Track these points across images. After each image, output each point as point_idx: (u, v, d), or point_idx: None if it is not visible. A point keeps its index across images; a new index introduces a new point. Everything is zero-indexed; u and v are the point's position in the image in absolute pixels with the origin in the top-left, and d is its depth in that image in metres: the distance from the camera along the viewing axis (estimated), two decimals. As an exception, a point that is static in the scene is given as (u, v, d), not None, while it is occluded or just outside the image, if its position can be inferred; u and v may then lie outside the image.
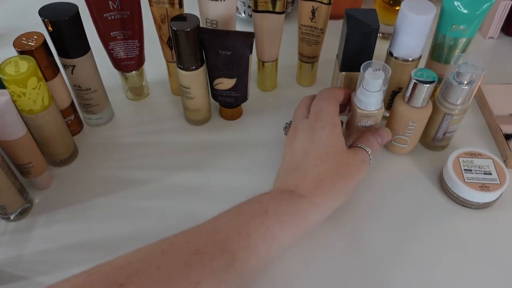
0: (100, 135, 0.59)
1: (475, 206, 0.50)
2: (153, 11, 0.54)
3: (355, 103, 0.49)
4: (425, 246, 0.47)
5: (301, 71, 0.64)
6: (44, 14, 0.48)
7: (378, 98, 0.48)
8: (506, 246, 0.47)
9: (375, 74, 0.46)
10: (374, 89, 0.47)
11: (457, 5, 0.50)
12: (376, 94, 0.47)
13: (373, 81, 0.46)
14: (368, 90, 0.47)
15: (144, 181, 0.53)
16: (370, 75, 0.46)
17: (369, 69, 0.47)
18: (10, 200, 0.48)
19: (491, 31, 0.73)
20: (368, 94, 0.47)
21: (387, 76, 0.46)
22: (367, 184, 0.53)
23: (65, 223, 0.50)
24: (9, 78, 0.44)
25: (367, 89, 0.47)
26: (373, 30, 0.50)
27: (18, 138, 0.47)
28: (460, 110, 0.50)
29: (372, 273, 0.45)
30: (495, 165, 0.50)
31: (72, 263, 0.46)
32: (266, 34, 0.57)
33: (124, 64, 0.58)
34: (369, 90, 0.47)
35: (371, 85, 0.47)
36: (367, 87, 0.47)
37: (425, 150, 0.57)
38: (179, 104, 0.62)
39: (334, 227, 0.49)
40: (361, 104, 0.48)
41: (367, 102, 0.48)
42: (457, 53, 0.54)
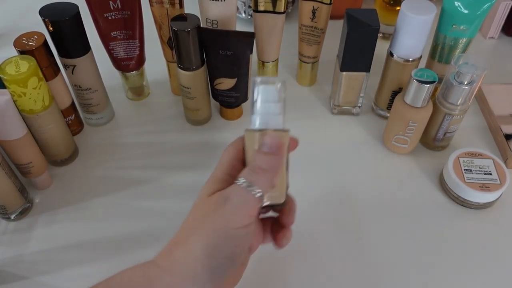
0: (100, 135, 0.59)
1: (475, 206, 0.50)
2: (153, 11, 0.54)
3: (251, 128, 0.34)
4: (425, 246, 0.47)
5: (301, 71, 0.65)
6: (44, 14, 0.48)
7: (273, 110, 0.34)
8: (506, 246, 0.47)
9: (268, 80, 0.34)
10: (269, 99, 0.34)
11: (457, 5, 0.50)
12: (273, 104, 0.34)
13: (265, 87, 0.34)
14: (264, 100, 0.34)
15: (144, 181, 0.53)
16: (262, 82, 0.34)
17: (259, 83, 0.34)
18: (11, 200, 0.48)
19: (491, 31, 0.73)
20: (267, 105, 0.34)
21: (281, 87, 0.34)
22: (367, 184, 0.53)
23: (65, 223, 0.50)
24: (9, 78, 0.44)
25: (262, 99, 0.34)
26: (374, 30, 0.50)
27: (19, 138, 0.47)
28: (460, 110, 0.50)
29: (372, 273, 0.45)
30: (495, 165, 0.50)
31: (72, 263, 0.46)
32: (267, 34, 0.57)
33: (124, 64, 0.58)
34: (265, 100, 0.34)
35: (264, 93, 0.34)
36: (262, 96, 0.34)
37: (425, 150, 0.57)
38: (180, 104, 0.62)
39: (333, 227, 0.49)
40: (258, 121, 0.34)
41: (265, 116, 0.34)
42: (457, 53, 0.54)
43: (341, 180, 0.53)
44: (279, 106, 0.34)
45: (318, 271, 0.45)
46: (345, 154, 0.56)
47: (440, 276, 0.45)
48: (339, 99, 0.59)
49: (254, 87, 0.34)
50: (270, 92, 0.34)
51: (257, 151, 0.33)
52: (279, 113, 0.34)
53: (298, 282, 0.44)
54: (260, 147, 0.33)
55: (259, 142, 0.34)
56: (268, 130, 0.34)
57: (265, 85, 0.34)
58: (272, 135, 0.33)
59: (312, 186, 0.53)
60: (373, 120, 0.61)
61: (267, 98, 0.34)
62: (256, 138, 0.34)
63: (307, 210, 0.51)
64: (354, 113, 0.61)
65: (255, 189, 0.31)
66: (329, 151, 0.57)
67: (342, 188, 0.53)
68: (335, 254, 0.47)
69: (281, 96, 0.34)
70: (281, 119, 0.34)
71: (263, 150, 0.33)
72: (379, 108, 0.60)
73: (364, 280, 0.45)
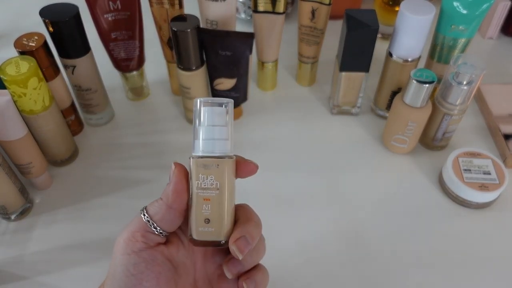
0: (100, 135, 0.59)
1: (474, 206, 0.50)
2: (153, 11, 0.55)
3: (193, 154, 0.31)
4: (424, 246, 0.47)
5: (301, 71, 0.65)
6: (45, 14, 0.48)
7: (213, 134, 0.30)
8: (505, 246, 0.47)
9: (202, 102, 0.31)
10: (208, 122, 0.31)
11: (456, 5, 0.50)
12: (211, 128, 0.30)
13: (209, 109, 0.31)
14: (206, 123, 0.31)
15: (144, 181, 0.54)
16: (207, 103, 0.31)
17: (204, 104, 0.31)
18: (11, 200, 0.48)
19: (490, 32, 0.73)
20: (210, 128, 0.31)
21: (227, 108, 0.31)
22: (367, 184, 0.53)
23: (65, 223, 0.50)
24: (10, 78, 0.44)
25: (196, 123, 0.31)
26: (373, 31, 0.51)
27: (19, 138, 0.47)
28: (459, 110, 0.50)
29: (371, 273, 0.45)
30: (494, 165, 0.51)
31: (72, 263, 0.46)
32: (266, 35, 0.58)
33: (124, 64, 0.59)
34: (205, 123, 0.31)
35: (206, 115, 0.31)
36: (204, 119, 0.31)
37: (424, 150, 0.57)
38: (180, 104, 0.62)
39: (333, 227, 0.49)
40: (196, 147, 0.31)
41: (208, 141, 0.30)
42: (456, 53, 0.54)
43: (341, 180, 0.54)
44: (226, 130, 0.31)
45: (317, 271, 0.45)
46: (344, 154, 0.56)
47: (440, 276, 0.45)
48: (339, 99, 0.59)
49: (197, 109, 0.31)
50: (216, 115, 0.30)
51: None
52: (226, 138, 0.31)
53: (297, 282, 0.45)
54: (170, 174, 0.31)
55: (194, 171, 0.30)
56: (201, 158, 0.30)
57: (210, 107, 0.30)
58: (178, 169, 0.30)
59: (311, 186, 0.53)
60: (373, 120, 0.61)
61: (213, 121, 0.30)
62: (199, 165, 0.30)
63: (306, 210, 0.51)
64: (354, 113, 0.61)
65: (148, 219, 0.30)
66: (329, 151, 0.57)
67: (341, 188, 0.53)
68: (334, 254, 0.47)
69: (228, 118, 0.31)
70: (228, 144, 0.31)
71: (169, 181, 0.31)
72: (379, 108, 0.60)
73: (364, 280, 0.45)
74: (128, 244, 0.29)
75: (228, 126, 0.31)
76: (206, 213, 0.30)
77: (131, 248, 0.29)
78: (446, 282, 0.45)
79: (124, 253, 0.29)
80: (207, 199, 0.30)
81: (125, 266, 0.29)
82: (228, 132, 0.31)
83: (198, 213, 0.30)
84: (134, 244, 0.29)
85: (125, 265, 0.29)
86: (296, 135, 0.59)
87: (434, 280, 0.45)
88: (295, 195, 0.52)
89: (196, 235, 0.30)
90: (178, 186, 0.30)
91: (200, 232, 0.30)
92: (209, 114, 0.30)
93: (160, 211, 0.30)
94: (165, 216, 0.30)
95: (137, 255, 0.29)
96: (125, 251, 0.29)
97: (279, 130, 0.59)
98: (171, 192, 0.30)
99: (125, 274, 0.29)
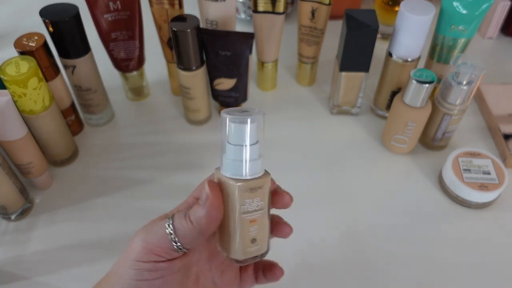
0: (100, 136, 0.59)
1: (474, 206, 0.50)
2: (153, 11, 0.55)
3: (224, 175, 0.28)
4: (424, 245, 0.47)
5: (301, 71, 0.65)
6: (45, 14, 0.48)
7: (255, 154, 0.29)
8: (505, 245, 0.47)
9: (239, 117, 0.28)
10: (246, 141, 0.28)
11: (456, 5, 0.50)
12: (252, 148, 0.28)
13: (243, 127, 0.28)
14: (239, 143, 0.28)
15: (144, 181, 0.54)
16: (234, 120, 0.28)
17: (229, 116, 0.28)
18: (11, 200, 0.48)
19: (490, 32, 0.73)
20: (240, 149, 0.28)
21: (257, 117, 0.29)
22: (366, 184, 0.53)
23: (65, 223, 0.50)
24: (10, 78, 0.44)
25: (237, 142, 0.28)
26: (373, 31, 0.51)
27: (19, 138, 0.47)
28: (459, 110, 0.51)
29: (371, 272, 0.45)
30: (494, 165, 0.51)
31: (72, 263, 0.46)
32: (266, 35, 0.58)
33: (124, 64, 0.59)
34: (241, 142, 0.28)
35: (239, 133, 0.28)
36: (236, 137, 0.28)
37: (424, 150, 0.57)
38: (180, 104, 0.62)
39: (333, 227, 0.49)
40: (235, 169, 0.28)
41: (242, 164, 0.28)
42: (456, 53, 0.54)
43: (340, 180, 0.54)
44: (255, 148, 0.28)
45: (316, 271, 0.45)
46: (344, 154, 0.56)
47: (440, 276, 0.45)
48: (338, 99, 0.59)
49: (225, 125, 0.28)
50: (245, 133, 0.27)
51: (200, 198, 0.28)
52: (256, 157, 0.28)
53: (296, 282, 0.45)
54: (202, 195, 0.28)
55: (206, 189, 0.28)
56: (223, 177, 0.28)
57: (238, 124, 0.27)
58: (214, 195, 0.27)
59: (311, 186, 0.53)
60: (372, 120, 0.61)
61: (241, 141, 0.28)
62: (225, 185, 0.28)
63: (306, 210, 0.51)
64: (353, 113, 0.61)
65: (175, 238, 0.28)
66: (328, 151, 0.57)
67: (341, 188, 0.53)
68: (333, 254, 0.47)
69: (259, 134, 0.28)
70: (259, 164, 0.28)
71: (201, 203, 0.28)
72: (378, 108, 0.60)
73: (363, 280, 0.45)
74: (146, 254, 0.28)
75: (259, 143, 0.29)
76: (253, 234, 0.28)
77: (148, 258, 0.28)
78: (446, 282, 0.45)
79: (140, 260, 0.28)
80: (254, 221, 0.28)
81: (139, 272, 0.28)
82: (258, 150, 0.29)
83: (244, 236, 0.28)
84: (153, 257, 0.28)
85: (139, 270, 0.28)
86: (296, 135, 0.59)
87: (434, 280, 0.45)
88: (294, 195, 0.52)
89: (243, 255, 0.28)
90: (213, 213, 0.27)
91: (247, 252, 0.29)
92: (238, 132, 0.28)
93: (188, 235, 0.28)
94: (193, 240, 0.28)
95: (154, 265, 0.28)
96: (141, 258, 0.28)
97: (279, 130, 0.59)
98: (205, 218, 0.27)
99: (137, 278, 0.28)
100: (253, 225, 0.28)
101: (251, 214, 0.28)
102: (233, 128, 0.28)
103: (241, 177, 0.27)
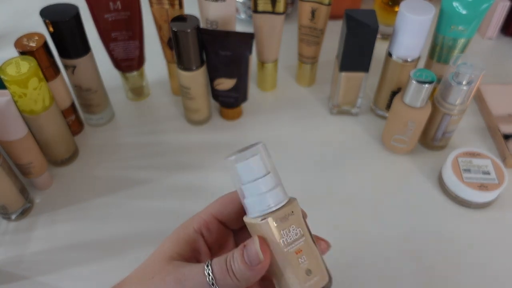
0: (100, 136, 0.59)
1: (474, 206, 0.50)
2: (153, 11, 0.55)
3: (251, 218, 0.28)
4: (424, 245, 0.47)
5: (301, 72, 0.65)
6: (45, 15, 0.48)
7: (272, 183, 0.28)
8: (505, 245, 0.47)
9: (245, 154, 0.28)
10: (257, 174, 0.28)
11: (456, 6, 0.50)
12: (266, 178, 0.27)
13: (248, 162, 0.27)
14: (252, 179, 0.28)
15: (144, 181, 0.54)
16: (241, 158, 0.28)
17: (233, 157, 0.28)
18: (11, 200, 0.48)
19: (489, 32, 0.73)
20: (258, 183, 0.27)
21: (261, 151, 0.28)
22: (366, 184, 0.53)
23: (65, 223, 0.50)
24: (10, 78, 0.44)
25: (250, 179, 0.28)
26: (372, 31, 0.51)
27: (19, 138, 0.47)
28: (459, 110, 0.51)
29: (370, 273, 0.45)
30: (493, 165, 0.51)
31: (72, 263, 0.46)
32: (266, 35, 0.58)
33: (124, 64, 0.59)
34: (253, 178, 0.28)
35: (248, 170, 0.28)
36: (247, 175, 0.28)
37: (424, 150, 0.57)
38: (180, 104, 0.62)
39: (332, 227, 0.49)
40: (258, 206, 0.27)
41: (264, 198, 0.27)
42: (456, 53, 0.54)
43: (340, 180, 0.54)
44: (270, 178, 0.27)
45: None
46: (344, 154, 0.57)
47: (439, 276, 0.45)
48: (338, 100, 0.59)
49: (232, 168, 0.27)
50: (253, 167, 0.27)
51: (240, 248, 0.27)
52: (274, 186, 0.27)
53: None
54: (244, 248, 0.27)
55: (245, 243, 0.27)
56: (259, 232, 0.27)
57: (243, 161, 0.27)
58: (255, 248, 0.26)
59: (311, 186, 0.53)
60: (372, 120, 0.61)
61: (253, 176, 0.27)
62: (258, 227, 0.27)
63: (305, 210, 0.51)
64: (353, 113, 0.61)
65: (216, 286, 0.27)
66: (328, 151, 0.57)
67: (341, 188, 0.53)
68: (333, 254, 0.47)
69: (268, 163, 0.27)
70: (280, 192, 0.27)
71: (245, 256, 0.27)
72: (378, 108, 0.60)
73: (363, 280, 0.45)
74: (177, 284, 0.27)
75: (272, 170, 0.28)
76: (305, 265, 0.27)
77: None
78: (446, 282, 0.45)
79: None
80: (299, 251, 0.27)
81: None
82: (274, 178, 0.28)
83: (297, 271, 0.27)
84: None
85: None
86: (295, 135, 0.59)
87: (434, 280, 0.45)
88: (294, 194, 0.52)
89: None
90: (262, 272, 0.26)
91: (308, 287, 0.27)
92: (247, 169, 0.27)
93: (231, 286, 0.27)
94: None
95: None
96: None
97: (279, 130, 0.59)
98: (253, 277, 0.26)
99: None
100: (300, 256, 0.27)
101: (294, 244, 0.27)
102: (241, 168, 0.27)
103: (266, 211, 0.27)
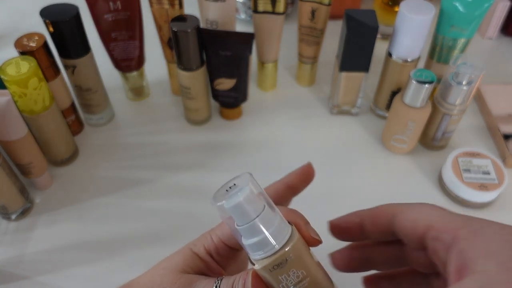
0: (100, 136, 0.59)
1: (474, 206, 0.50)
2: (153, 11, 0.55)
3: (252, 258, 0.25)
4: (424, 246, 0.47)
5: (301, 72, 0.65)
6: (45, 15, 0.48)
7: (273, 219, 0.25)
8: (504, 246, 0.47)
9: (229, 193, 0.25)
10: (248, 218, 0.24)
11: (456, 5, 0.50)
12: (256, 221, 0.24)
13: (233, 202, 0.24)
14: (242, 223, 0.24)
15: (144, 181, 0.54)
16: (222, 198, 0.24)
17: (215, 196, 0.25)
18: (11, 200, 0.48)
19: (489, 32, 0.73)
20: (249, 226, 0.24)
21: (249, 185, 0.25)
22: (366, 184, 0.53)
23: (65, 223, 0.50)
24: (10, 78, 0.44)
25: (241, 222, 0.24)
26: (372, 31, 0.51)
27: (19, 138, 0.47)
28: (458, 110, 0.51)
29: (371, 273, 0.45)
30: (493, 165, 0.51)
31: (72, 263, 0.46)
32: (266, 35, 0.58)
33: (124, 64, 0.59)
34: (244, 222, 0.24)
35: (239, 213, 0.24)
36: (239, 219, 0.24)
37: (424, 150, 0.57)
38: (180, 104, 0.62)
39: (333, 227, 0.49)
40: (251, 250, 0.25)
41: (260, 239, 0.24)
42: (456, 53, 0.54)
43: (340, 180, 0.54)
44: (262, 219, 0.24)
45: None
46: (344, 154, 0.57)
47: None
48: (338, 99, 0.59)
49: (221, 211, 0.24)
50: (243, 209, 0.24)
51: (242, 277, 0.25)
52: (268, 226, 0.24)
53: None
54: (246, 276, 0.25)
55: None
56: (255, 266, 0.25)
57: (230, 199, 0.24)
58: (248, 285, 0.24)
59: (310, 186, 0.53)
60: (372, 120, 0.61)
61: (244, 219, 0.24)
62: (271, 269, 0.24)
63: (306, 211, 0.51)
64: (353, 113, 0.61)
65: None
66: (328, 151, 0.57)
67: (341, 188, 0.53)
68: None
69: (257, 197, 0.24)
70: (276, 232, 0.24)
71: None
72: (378, 108, 0.60)
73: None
74: None
75: (263, 204, 0.24)
76: None
77: None
78: (446, 282, 0.45)
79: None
80: None
81: None
82: (273, 208, 0.25)
83: None
84: None
85: None
86: (295, 135, 0.59)
87: (434, 279, 0.45)
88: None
89: None
90: None
91: None
92: (237, 208, 0.23)
93: None
94: None
95: None
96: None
97: (279, 130, 0.59)
98: None
99: None
100: None
101: (296, 287, 0.24)
102: (230, 210, 0.24)
103: (261, 256, 0.24)
